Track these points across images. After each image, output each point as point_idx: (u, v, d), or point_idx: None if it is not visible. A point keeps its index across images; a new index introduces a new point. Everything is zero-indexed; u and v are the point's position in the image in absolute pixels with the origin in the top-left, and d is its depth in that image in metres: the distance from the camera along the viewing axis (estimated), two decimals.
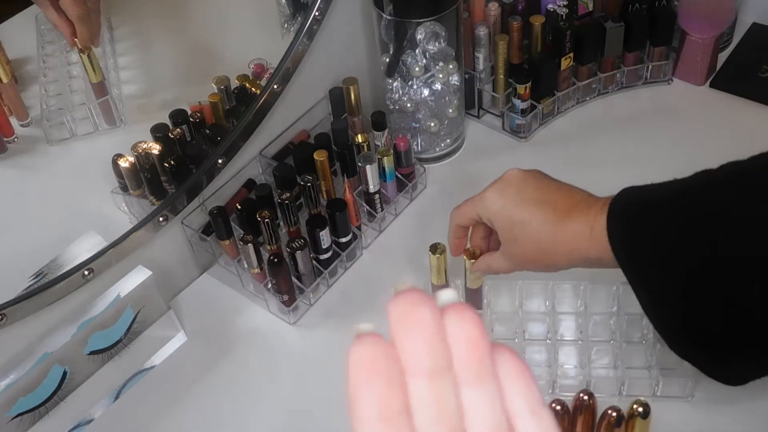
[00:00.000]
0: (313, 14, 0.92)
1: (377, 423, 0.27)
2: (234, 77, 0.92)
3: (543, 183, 0.72)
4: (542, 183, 0.72)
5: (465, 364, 0.28)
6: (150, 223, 0.85)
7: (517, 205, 0.70)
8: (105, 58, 0.83)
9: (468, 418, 0.28)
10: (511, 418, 0.29)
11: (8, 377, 0.74)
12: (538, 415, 0.29)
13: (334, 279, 0.92)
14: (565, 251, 0.68)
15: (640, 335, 0.82)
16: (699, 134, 1.03)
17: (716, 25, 1.05)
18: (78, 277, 0.80)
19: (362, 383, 0.27)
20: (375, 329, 0.28)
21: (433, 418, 0.27)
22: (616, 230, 0.63)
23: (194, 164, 0.89)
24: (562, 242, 0.68)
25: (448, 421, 0.28)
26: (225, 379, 0.85)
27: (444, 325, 0.28)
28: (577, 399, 0.65)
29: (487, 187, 0.73)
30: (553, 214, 0.68)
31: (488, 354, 0.29)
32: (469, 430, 0.28)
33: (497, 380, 0.29)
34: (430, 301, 0.28)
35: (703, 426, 0.76)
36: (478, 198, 0.74)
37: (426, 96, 0.99)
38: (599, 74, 1.07)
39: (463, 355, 0.28)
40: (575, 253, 0.67)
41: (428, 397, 0.27)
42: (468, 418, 0.28)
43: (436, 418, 0.27)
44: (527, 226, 0.69)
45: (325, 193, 0.92)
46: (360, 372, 0.27)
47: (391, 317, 0.28)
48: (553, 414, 0.63)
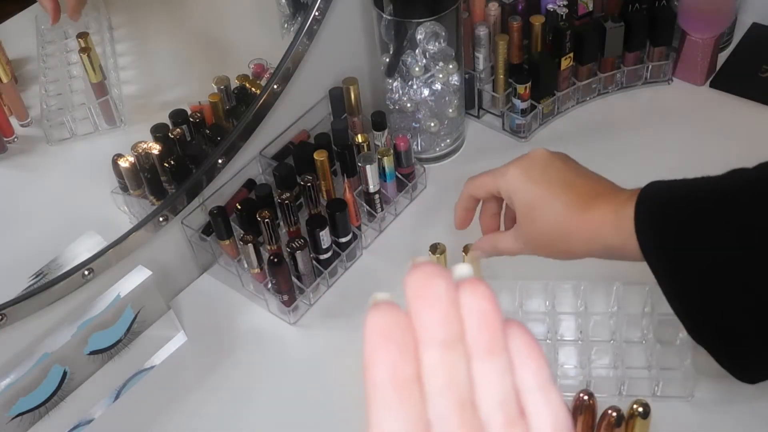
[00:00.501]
0: (313, 14, 0.92)
1: (389, 387, 0.28)
2: (234, 77, 0.92)
3: (569, 166, 0.69)
4: (568, 166, 0.69)
5: (477, 336, 0.29)
6: (150, 223, 0.85)
7: (541, 186, 0.68)
8: (105, 58, 0.83)
9: (477, 389, 0.29)
10: (520, 392, 0.29)
11: (8, 377, 0.74)
12: (546, 391, 0.29)
13: (334, 279, 0.92)
14: (586, 238, 0.66)
15: (640, 335, 0.82)
16: (699, 134, 1.03)
17: (716, 25, 1.05)
18: (78, 277, 0.80)
19: (377, 349, 0.28)
20: (391, 298, 0.29)
21: (443, 386, 0.28)
22: (645, 219, 0.62)
23: (194, 164, 0.89)
24: (584, 229, 0.65)
25: (458, 391, 0.28)
26: (225, 379, 0.85)
27: (458, 298, 0.29)
28: (577, 399, 0.65)
29: (511, 162, 0.70)
30: (578, 199, 0.66)
31: (500, 329, 0.29)
32: (478, 401, 0.29)
33: (508, 355, 0.29)
34: (446, 274, 0.29)
35: (703, 426, 0.76)
36: (500, 172, 0.71)
37: (426, 96, 0.99)
38: (599, 74, 1.07)
39: (476, 328, 0.29)
40: (596, 241, 0.65)
41: (440, 366, 0.28)
42: (477, 389, 0.29)
43: (446, 387, 0.28)
44: (549, 209, 0.67)
45: (325, 193, 0.92)
46: (375, 338, 0.28)
47: (407, 289, 0.29)
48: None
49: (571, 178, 0.68)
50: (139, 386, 0.85)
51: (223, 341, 0.88)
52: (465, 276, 0.30)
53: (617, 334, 0.81)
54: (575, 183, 0.68)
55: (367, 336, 0.28)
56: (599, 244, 0.65)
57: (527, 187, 0.68)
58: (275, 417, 0.81)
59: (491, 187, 0.72)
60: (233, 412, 0.82)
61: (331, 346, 0.86)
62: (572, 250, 0.68)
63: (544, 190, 0.67)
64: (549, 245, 0.69)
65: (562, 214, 0.66)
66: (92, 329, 0.79)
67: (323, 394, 0.81)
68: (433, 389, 0.28)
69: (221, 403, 0.83)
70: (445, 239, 0.80)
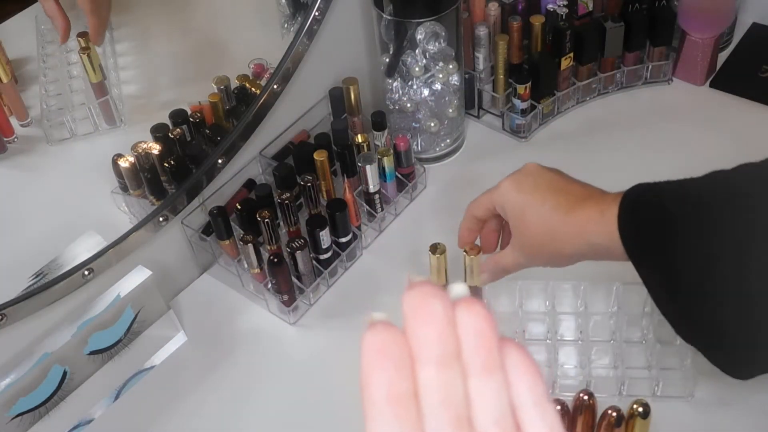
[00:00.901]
0: (313, 14, 0.92)
1: (386, 405, 0.28)
2: (234, 77, 0.92)
3: (560, 176, 0.72)
4: (559, 176, 0.72)
5: (473, 354, 0.29)
6: (150, 223, 0.85)
7: (531, 192, 0.71)
8: (105, 58, 0.83)
9: (474, 406, 0.29)
10: (516, 409, 0.30)
11: (8, 377, 0.74)
12: (542, 408, 0.30)
13: (334, 279, 0.92)
14: (573, 236, 0.68)
15: (640, 335, 0.82)
16: (699, 134, 1.03)
17: (716, 25, 1.05)
18: (78, 277, 0.80)
19: (373, 367, 0.29)
20: (388, 318, 0.29)
21: (440, 403, 0.29)
22: (628, 218, 0.63)
23: (194, 164, 0.89)
24: (570, 228, 0.67)
25: (454, 408, 0.29)
26: (225, 379, 0.85)
27: (455, 317, 0.29)
28: (577, 399, 0.65)
29: (504, 177, 0.74)
30: (566, 201, 0.69)
31: (496, 347, 0.30)
32: (474, 417, 0.29)
33: (504, 372, 0.30)
34: (442, 293, 0.29)
35: (703, 426, 0.76)
36: (494, 188, 0.74)
37: (426, 96, 0.99)
38: (599, 74, 1.07)
39: (472, 347, 0.29)
40: (582, 239, 0.67)
41: (436, 384, 0.29)
42: (474, 406, 0.29)
43: (442, 404, 0.28)
44: (538, 210, 0.70)
45: (325, 193, 0.92)
46: (372, 357, 0.29)
47: (404, 308, 0.29)
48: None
49: (561, 186, 0.71)
50: (139, 386, 0.85)
51: (223, 341, 0.88)
52: (461, 295, 0.30)
53: (617, 334, 0.81)
54: (565, 189, 0.70)
55: (364, 354, 0.29)
56: (585, 242, 0.67)
57: (518, 197, 0.71)
58: (275, 417, 0.81)
59: (488, 204, 0.75)
60: (233, 412, 0.82)
61: (331, 346, 0.86)
62: (562, 252, 0.70)
63: (533, 195, 0.70)
64: (541, 248, 0.71)
65: (549, 214, 0.69)
66: (92, 329, 0.79)
67: (323, 393, 0.81)
68: (429, 406, 0.29)
69: (221, 403, 0.83)
70: (445, 239, 0.80)
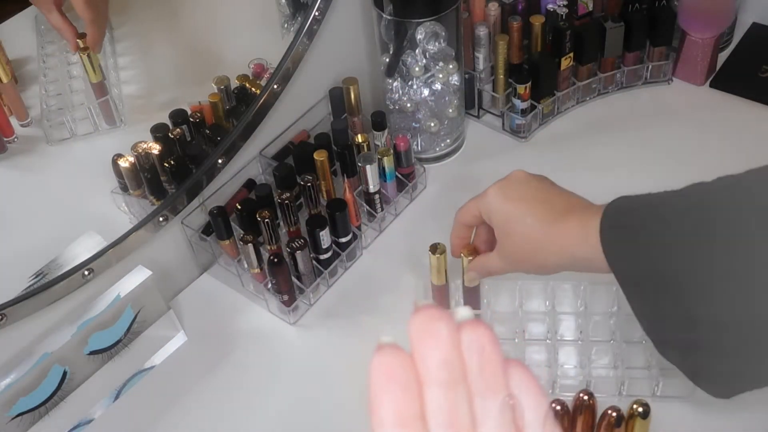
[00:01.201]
0: (313, 14, 0.92)
1: (394, 427, 0.29)
2: (234, 77, 0.92)
3: (545, 185, 0.72)
4: (544, 185, 0.72)
5: (478, 375, 0.30)
6: (150, 223, 0.85)
7: (516, 202, 0.70)
8: (105, 58, 0.83)
9: (479, 426, 0.30)
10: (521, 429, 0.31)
11: (8, 377, 0.74)
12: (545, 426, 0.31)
13: (334, 279, 0.92)
14: (556, 250, 0.68)
15: (640, 335, 0.82)
16: (699, 134, 1.03)
17: (716, 25, 1.05)
18: (78, 277, 0.80)
19: (381, 390, 0.30)
20: (395, 341, 0.30)
21: (446, 424, 0.30)
22: (610, 231, 0.63)
23: (194, 164, 0.89)
24: (554, 241, 0.67)
25: (461, 428, 0.30)
26: (225, 379, 0.85)
27: (460, 339, 0.30)
28: (577, 399, 0.65)
29: (491, 185, 0.74)
30: (550, 213, 0.68)
31: (501, 367, 0.31)
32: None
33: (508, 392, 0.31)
34: (447, 317, 0.30)
35: (703, 426, 0.76)
36: (480, 195, 0.74)
37: (426, 96, 0.99)
38: (599, 74, 1.07)
39: (477, 368, 0.30)
40: (565, 252, 0.67)
41: (443, 405, 0.30)
42: (479, 426, 0.30)
43: (449, 424, 0.29)
44: (521, 221, 0.69)
45: (325, 193, 0.92)
46: (380, 379, 0.30)
47: (411, 331, 0.30)
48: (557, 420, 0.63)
49: (545, 196, 0.70)
50: (139, 386, 0.85)
51: (223, 341, 0.88)
52: (466, 318, 0.31)
53: (617, 334, 0.81)
54: (549, 200, 0.70)
55: (372, 377, 0.30)
56: (569, 255, 0.67)
57: (504, 206, 0.71)
58: (275, 417, 0.81)
59: (474, 211, 0.75)
60: (233, 412, 0.82)
61: (331, 346, 0.86)
62: (546, 264, 0.70)
63: (518, 205, 0.70)
64: (525, 259, 0.71)
65: (533, 227, 0.69)
66: (92, 329, 0.79)
67: (323, 393, 0.81)
68: (436, 426, 0.29)
69: (221, 403, 0.83)
70: (445, 239, 0.80)
